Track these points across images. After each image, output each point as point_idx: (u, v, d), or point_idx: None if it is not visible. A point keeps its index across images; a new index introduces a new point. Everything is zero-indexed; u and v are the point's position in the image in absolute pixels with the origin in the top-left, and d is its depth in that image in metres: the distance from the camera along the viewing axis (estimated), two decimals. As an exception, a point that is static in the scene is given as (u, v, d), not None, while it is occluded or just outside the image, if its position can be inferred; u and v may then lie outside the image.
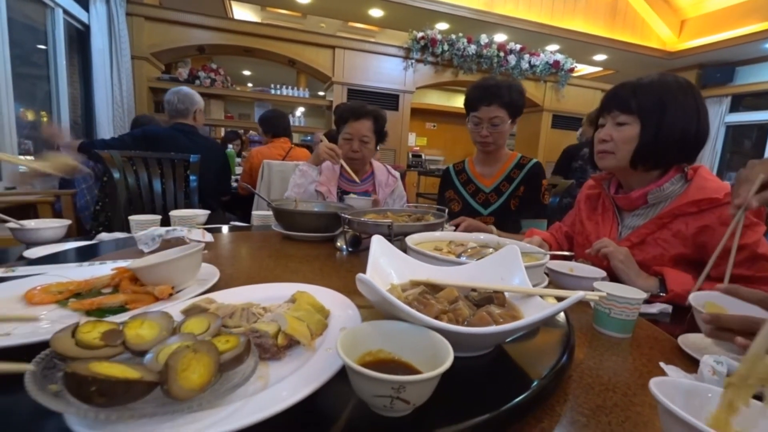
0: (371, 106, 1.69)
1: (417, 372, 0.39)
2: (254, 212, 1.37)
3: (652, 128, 0.97)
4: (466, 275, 0.66)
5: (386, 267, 0.64)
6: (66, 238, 1.17)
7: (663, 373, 0.57)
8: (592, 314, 0.78)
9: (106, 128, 3.81)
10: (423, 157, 7.09)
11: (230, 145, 4.60)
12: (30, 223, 1.05)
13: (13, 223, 0.99)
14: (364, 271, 0.61)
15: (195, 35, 4.16)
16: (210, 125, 5.42)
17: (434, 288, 0.61)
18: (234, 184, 3.33)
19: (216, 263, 0.85)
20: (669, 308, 0.86)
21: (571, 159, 3.20)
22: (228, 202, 2.94)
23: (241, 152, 4.91)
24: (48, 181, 2.81)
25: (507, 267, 0.64)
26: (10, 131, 2.71)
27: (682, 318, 0.87)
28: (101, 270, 0.66)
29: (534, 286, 0.73)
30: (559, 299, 0.50)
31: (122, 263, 0.71)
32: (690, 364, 0.62)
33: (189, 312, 0.49)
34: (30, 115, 3.29)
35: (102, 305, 0.52)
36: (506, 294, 0.58)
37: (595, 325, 0.74)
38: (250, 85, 5.32)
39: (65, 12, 3.19)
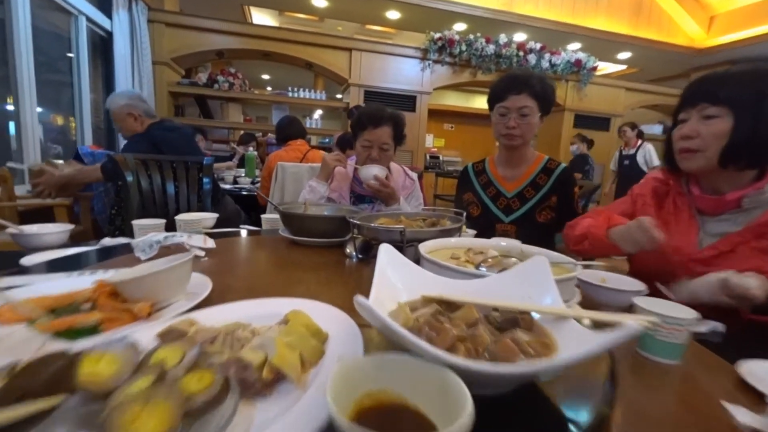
0: (389, 109, 1.61)
1: (426, 421, 0.31)
2: (264, 216, 1.32)
3: (749, 121, 0.85)
4: (487, 290, 0.57)
5: (395, 281, 0.57)
6: (77, 242, 1.15)
7: (726, 415, 0.47)
8: (632, 341, 0.69)
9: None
10: (441, 158, 6.97)
11: (250, 148, 4.62)
12: (31, 228, 1.02)
13: (12, 228, 0.97)
14: (371, 283, 0.55)
15: (214, 40, 4.21)
16: (228, 128, 5.48)
17: (449, 306, 0.53)
18: (250, 186, 3.34)
19: (215, 271, 0.80)
20: (720, 327, 0.75)
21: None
22: (247, 206, 2.92)
23: (258, 151, 4.92)
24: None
25: (534, 281, 0.55)
26: (33, 136, 2.78)
27: (736, 338, 0.76)
28: (88, 282, 0.61)
29: (564, 302, 0.65)
30: (598, 323, 0.42)
31: (111, 273, 0.66)
32: (756, 399, 0.52)
33: (165, 336, 0.42)
34: (59, 120, 3.39)
35: (73, 326, 0.46)
36: (534, 314, 0.50)
37: (638, 348, 0.64)
38: (269, 89, 5.35)
39: (89, 20, 3.27)
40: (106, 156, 2.21)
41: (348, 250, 0.99)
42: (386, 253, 0.58)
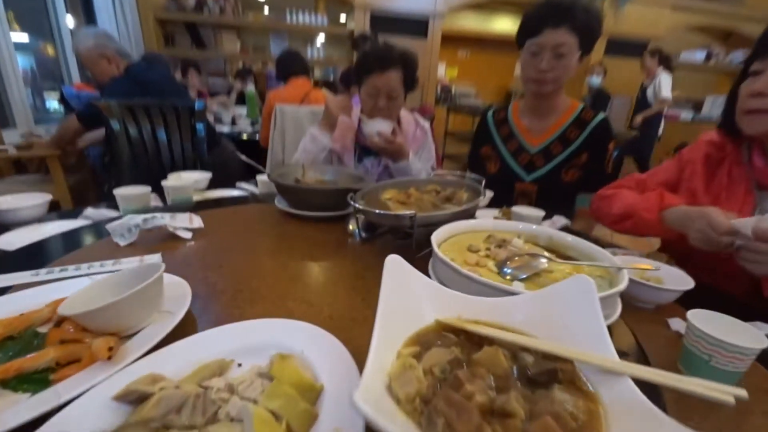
0: (399, 48, 1.37)
1: None
2: (259, 177, 1.20)
3: None
4: (515, 314, 0.48)
5: (405, 302, 0.47)
6: (58, 210, 1.06)
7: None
8: (676, 345, 0.60)
9: (116, 66, 3.61)
10: (453, 90, 6.48)
11: (249, 85, 4.30)
12: (6, 201, 0.93)
13: (-16, 204, 0.88)
14: (379, 272, 0.45)
15: (200, -46, 3.68)
16: (224, 59, 5.08)
17: (469, 338, 0.44)
18: (250, 129, 3.15)
19: (200, 260, 0.71)
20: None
21: None
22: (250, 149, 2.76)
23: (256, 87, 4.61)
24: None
25: (575, 308, 0.45)
26: (11, 59, 2.55)
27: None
28: (46, 294, 0.53)
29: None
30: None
31: (84, 268, 0.58)
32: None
33: (123, 398, 0.34)
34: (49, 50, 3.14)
35: (22, 371, 0.39)
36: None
37: (682, 367, 0.56)
38: (266, 11, 4.82)
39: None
40: (87, 102, 2.03)
41: (351, 227, 0.89)
42: (392, 269, 0.48)
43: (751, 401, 0.51)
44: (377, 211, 0.71)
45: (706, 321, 0.54)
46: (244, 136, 2.93)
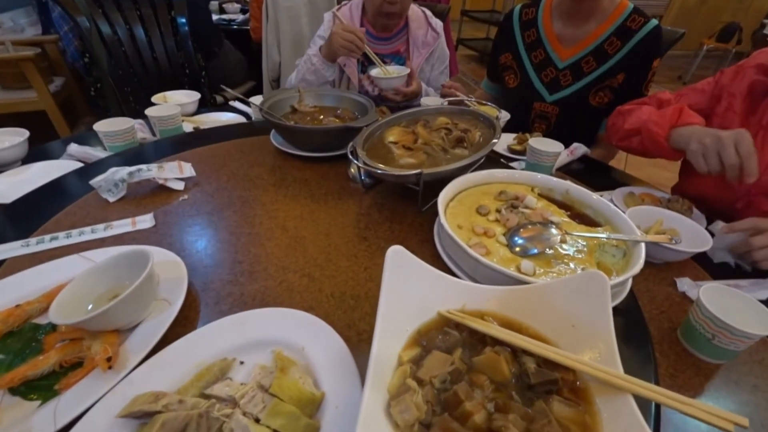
0: None
1: None
2: (253, 100, 1.08)
3: None
4: (522, 304, 0.46)
5: (408, 294, 0.45)
6: (42, 140, 1.00)
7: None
8: (680, 308, 0.60)
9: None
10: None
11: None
12: (-19, 143, 0.86)
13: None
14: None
15: None
16: None
17: (472, 336, 0.44)
18: (238, 17, 2.76)
19: (193, 218, 0.69)
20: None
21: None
22: (241, 44, 2.47)
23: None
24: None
25: (585, 304, 0.43)
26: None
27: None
28: (39, 277, 0.51)
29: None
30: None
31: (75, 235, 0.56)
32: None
33: (127, 416, 0.35)
34: None
35: (27, 378, 0.40)
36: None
37: (682, 338, 0.56)
38: None
39: None
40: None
41: (352, 171, 0.83)
42: (394, 260, 0.44)
43: (742, 372, 0.53)
44: (379, 170, 0.64)
45: (716, 298, 0.52)
46: (234, 27, 2.59)
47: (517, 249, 0.56)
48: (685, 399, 0.35)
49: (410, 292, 0.45)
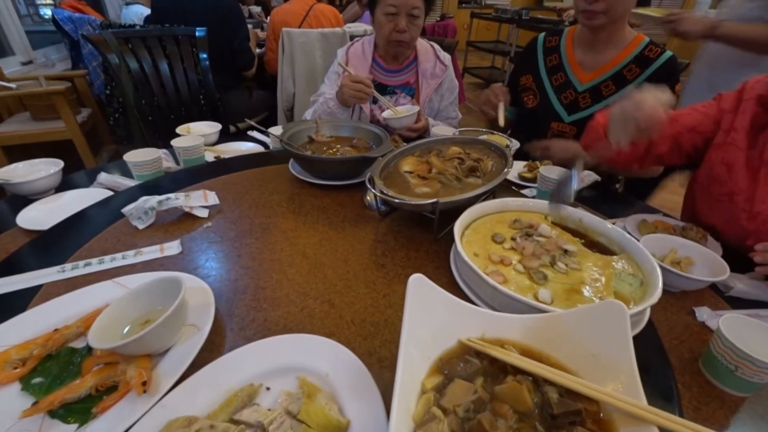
0: None
1: None
2: (272, 131, 1.13)
3: None
4: (541, 334, 0.47)
5: (429, 323, 0.46)
6: (70, 171, 1.05)
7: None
8: (699, 338, 0.60)
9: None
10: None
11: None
12: (19, 170, 0.92)
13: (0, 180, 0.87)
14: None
15: None
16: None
17: (492, 364, 0.44)
18: (258, 50, 2.90)
19: (217, 244, 0.72)
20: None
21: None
22: (259, 73, 2.59)
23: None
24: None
25: (604, 336, 0.43)
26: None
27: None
28: (75, 303, 0.54)
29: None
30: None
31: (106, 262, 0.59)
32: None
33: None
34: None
35: (65, 401, 0.41)
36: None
37: (704, 369, 0.56)
38: None
39: None
40: (81, 35, 1.87)
41: (368, 198, 0.85)
42: (415, 289, 0.46)
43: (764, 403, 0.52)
44: (396, 199, 0.67)
45: (737, 328, 0.52)
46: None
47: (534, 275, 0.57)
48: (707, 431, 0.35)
49: (431, 320, 0.46)
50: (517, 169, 1.12)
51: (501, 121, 1.05)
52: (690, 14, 1.24)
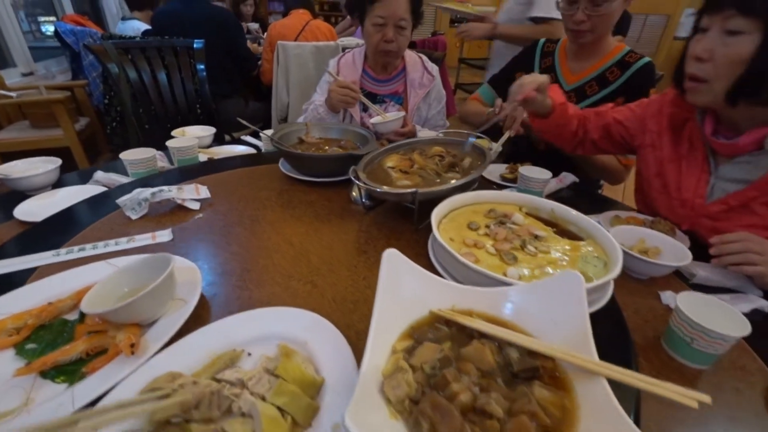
0: None
1: None
2: (263, 133, 1.17)
3: None
4: (505, 305, 0.50)
5: (402, 293, 0.49)
6: (67, 170, 1.08)
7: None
8: (664, 319, 0.63)
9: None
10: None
11: (241, 7, 3.99)
12: (17, 167, 0.95)
13: (-2, 174, 0.90)
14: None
15: None
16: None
17: (461, 331, 0.47)
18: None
19: (207, 234, 0.75)
20: (767, 306, 0.67)
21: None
22: (254, 84, 2.66)
23: (256, 14, 4.28)
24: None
25: (563, 303, 0.47)
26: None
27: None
28: (69, 280, 0.57)
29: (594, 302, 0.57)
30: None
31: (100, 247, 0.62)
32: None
33: (149, 392, 0.39)
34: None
35: (57, 363, 0.44)
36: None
37: (665, 344, 0.59)
38: None
39: None
40: (83, 45, 1.94)
41: (354, 194, 0.89)
42: (389, 262, 0.49)
43: (725, 377, 0.55)
44: (378, 189, 0.71)
45: (693, 304, 0.56)
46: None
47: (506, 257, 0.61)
48: (653, 380, 0.39)
49: (404, 291, 0.50)
50: (499, 170, 1.17)
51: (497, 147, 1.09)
52: (475, 24, 1.74)
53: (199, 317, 0.53)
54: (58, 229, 0.76)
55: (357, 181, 0.73)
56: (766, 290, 0.70)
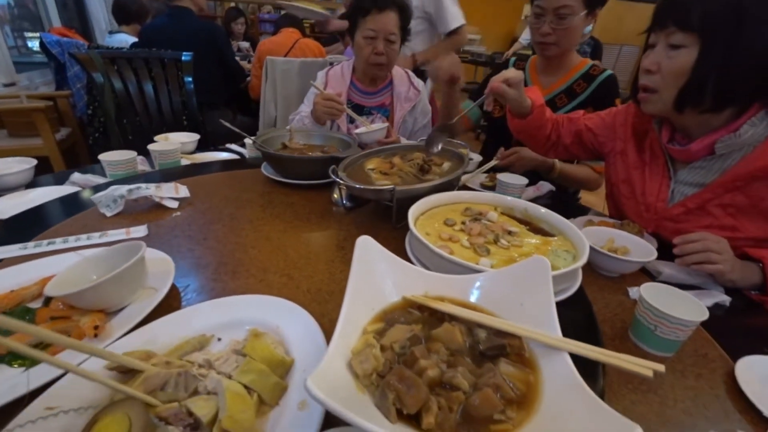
0: None
1: None
2: (247, 140, 1.19)
3: (719, 50, 0.67)
4: (476, 290, 0.51)
5: (375, 279, 0.50)
6: (44, 172, 1.06)
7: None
8: (632, 313, 0.65)
9: (97, 5, 3.40)
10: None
11: (233, 26, 4.08)
12: (-9, 167, 0.93)
13: (-32, 171, 0.88)
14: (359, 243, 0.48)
15: None
16: None
17: (432, 315, 0.48)
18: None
19: (184, 230, 0.74)
20: (727, 300, 0.70)
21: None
22: (241, 98, 2.69)
23: (246, 33, 4.37)
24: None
25: (530, 286, 0.48)
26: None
27: (745, 314, 0.71)
28: (35, 270, 0.56)
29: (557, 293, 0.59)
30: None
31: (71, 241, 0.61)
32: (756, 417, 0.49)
33: (115, 368, 0.38)
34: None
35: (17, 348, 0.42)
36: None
37: (632, 334, 0.61)
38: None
39: None
40: (68, 54, 1.94)
41: (335, 196, 0.90)
42: (363, 248, 0.50)
43: (688, 364, 0.57)
44: (357, 185, 0.72)
45: (656, 294, 0.58)
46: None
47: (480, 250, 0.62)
48: (610, 353, 0.40)
49: (377, 277, 0.50)
50: (479, 179, 1.21)
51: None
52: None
53: (170, 307, 0.53)
54: (27, 226, 0.74)
55: (336, 178, 0.75)
56: (726, 286, 0.73)
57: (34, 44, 3.16)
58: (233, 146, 1.40)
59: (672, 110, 0.75)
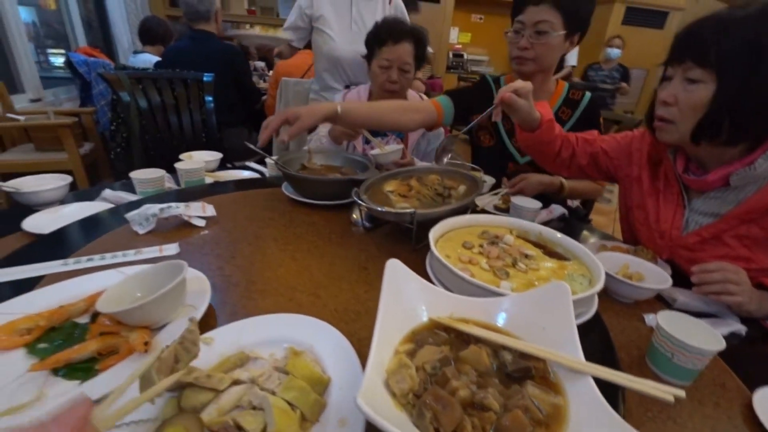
0: (410, 24, 1.40)
1: None
2: (269, 160, 1.23)
3: (735, 85, 0.69)
4: (499, 313, 0.53)
5: (404, 301, 0.52)
6: (76, 189, 1.11)
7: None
8: (648, 340, 0.66)
9: (121, 27, 3.55)
10: (465, 56, 6.26)
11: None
12: (28, 182, 0.98)
13: (8, 187, 0.93)
14: (381, 263, 0.51)
15: None
16: (231, 21, 4.93)
17: (459, 337, 0.50)
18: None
19: (214, 248, 0.77)
20: (743, 330, 0.71)
21: None
22: (259, 117, 2.77)
23: (261, 54, 4.51)
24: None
25: (552, 310, 0.50)
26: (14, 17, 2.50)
27: (761, 344, 0.72)
28: (79, 286, 0.59)
29: (579, 316, 0.61)
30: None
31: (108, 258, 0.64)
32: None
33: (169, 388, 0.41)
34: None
35: (70, 361, 0.45)
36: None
37: (649, 362, 0.62)
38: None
39: None
40: (96, 73, 2.03)
41: (354, 216, 0.94)
42: (392, 271, 0.53)
43: (706, 393, 0.58)
44: (379, 208, 0.76)
45: (673, 322, 0.59)
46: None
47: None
48: (632, 377, 0.42)
49: (406, 299, 0.53)
50: (493, 201, 1.23)
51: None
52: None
53: (207, 325, 0.55)
54: (66, 241, 0.78)
55: (359, 201, 0.78)
56: (743, 316, 0.74)
57: (56, 60, 3.30)
58: (253, 164, 1.45)
59: (688, 142, 0.78)
